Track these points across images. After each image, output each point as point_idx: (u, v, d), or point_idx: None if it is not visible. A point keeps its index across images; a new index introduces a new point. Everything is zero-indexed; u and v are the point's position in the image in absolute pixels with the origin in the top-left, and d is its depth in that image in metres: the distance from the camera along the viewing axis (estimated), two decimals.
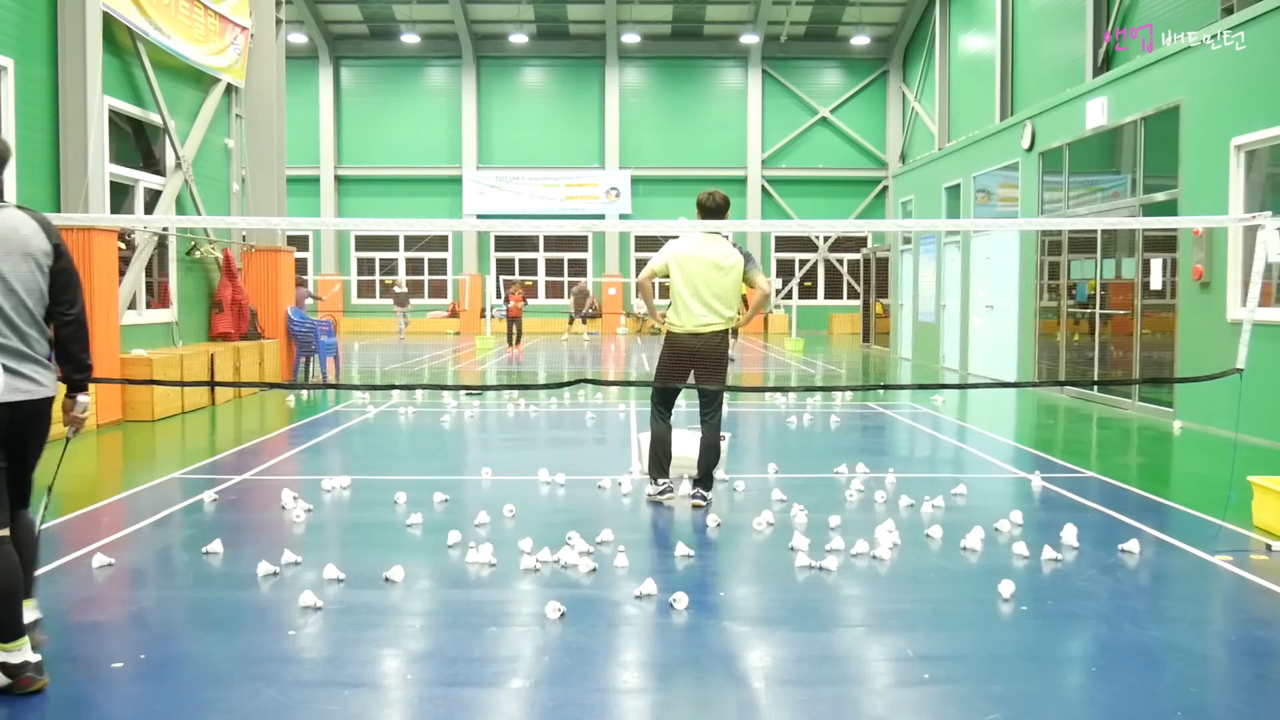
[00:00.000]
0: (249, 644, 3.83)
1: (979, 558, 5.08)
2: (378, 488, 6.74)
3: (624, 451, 8.31)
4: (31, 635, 3.39)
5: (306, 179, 29.48)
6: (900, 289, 20.69)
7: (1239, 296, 9.27)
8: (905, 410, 11.30)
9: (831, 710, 3.26)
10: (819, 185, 30.89)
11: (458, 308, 30.24)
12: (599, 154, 30.71)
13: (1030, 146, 14.08)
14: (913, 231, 19.63)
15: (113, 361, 9.70)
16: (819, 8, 28.97)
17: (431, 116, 30.72)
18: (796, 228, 30.15)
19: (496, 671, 3.55)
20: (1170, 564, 5.06)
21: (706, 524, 5.72)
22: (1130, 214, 11.32)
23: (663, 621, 4.10)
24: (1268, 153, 9.18)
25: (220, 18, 12.62)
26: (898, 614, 4.25)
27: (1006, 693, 3.41)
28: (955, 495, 6.49)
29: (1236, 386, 6.02)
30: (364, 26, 30.25)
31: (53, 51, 9.54)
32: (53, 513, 6.08)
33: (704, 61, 30.94)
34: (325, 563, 4.74)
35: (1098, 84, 12.47)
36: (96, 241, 9.43)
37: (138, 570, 4.90)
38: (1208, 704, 3.34)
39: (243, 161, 13.62)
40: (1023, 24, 19.84)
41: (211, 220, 11.02)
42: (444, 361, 19.05)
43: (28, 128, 9.17)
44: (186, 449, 8.71)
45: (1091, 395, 12.40)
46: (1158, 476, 7.75)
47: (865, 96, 30.72)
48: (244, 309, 12.92)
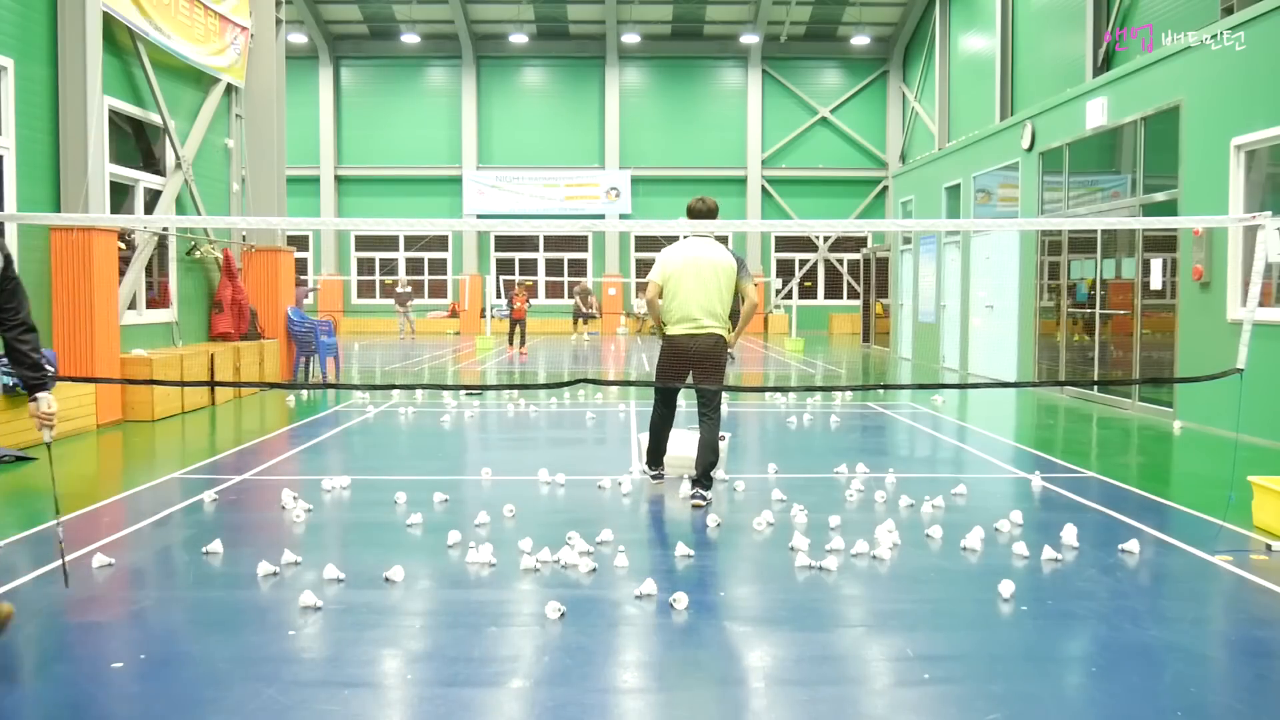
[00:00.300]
0: (249, 644, 3.83)
1: (979, 558, 5.08)
2: (378, 488, 6.74)
3: (624, 451, 8.31)
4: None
5: (306, 179, 29.48)
6: (900, 289, 20.68)
7: (1239, 296, 9.27)
8: (905, 410, 11.30)
9: (831, 710, 3.26)
10: (819, 185, 30.88)
11: (458, 308, 30.24)
12: (599, 154, 30.70)
13: (1030, 146, 14.08)
14: (913, 231, 19.63)
15: (113, 361, 9.70)
16: (819, 8, 28.97)
17: (431, 116, 30.72)
18: (796, 228, 30.14)
19: (496, 671, 3.55)
20: (1170, 564, 5.06)
21: (706, 524, 5.72)
22: (1130, 214, 11.32)
23: (663, 621, 4.10)
24: (1268, 153, 9.18)
25: (220, 18, 12.62)
26: (898, 614, 4.25)
27: (1006, 693, 3.41)
28: (955, 495, 6.49)
29: (1236, 386, 6.02)
30: (364, 26, 30.25)
31: (53, 51, 9.54)
32: (52, 513, 6.08)
33: (704, 61, 30.93)
34: (325, 563, 4.74)
35: (1098, 84, 12.47)
36: (96, 241, 9.43)
37: (138, 570, 4.90)
38: (1208, 704, 3.34)
39: (243, 161, 13.62)
40: (1023, 24, 19.84)
41: (211, 220, 11.02)
42: (444, 361, 19.05)
43: (28, 128, 9.17)
44: (186, 449, 8.71)
45: (1091, 395, 12.40)
46: (1158, 476, 7.75)
47: (865, 96, 30.71)
48: (244, 309, 12.92)
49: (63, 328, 9.33)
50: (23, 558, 5.03)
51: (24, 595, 4.43)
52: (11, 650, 3.83)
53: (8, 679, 3.56)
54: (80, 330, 9.35)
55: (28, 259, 9.16)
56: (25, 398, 8.30)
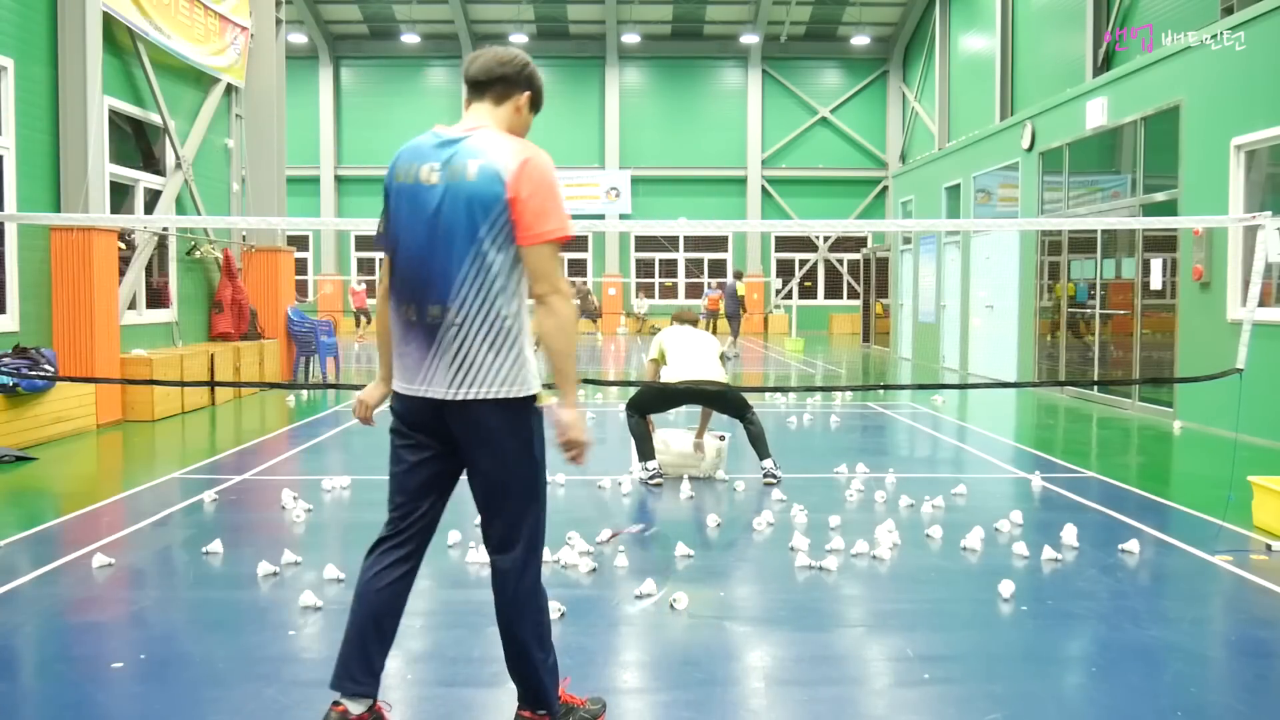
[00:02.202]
0: (249, 644, 3.83)
1: (979, 558, 5.09)
2: (378, 488, 6.71)
3: (624, 452, 8.31)
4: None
5: (306, 179, 29.48)
6: (900, 289, 20.68)
7: (1239, 296, 9.27)
8: (905, 410, 11.30)
9: (831, 710, 3.26)
10: (819, 185, 30.89)
11: None
12: (599, 154, 30.71)
13: (1030, 146, 14.08)
14: (913, 231, 19.63)
15: (113, 361, 9.70)
16: (819, 8, 28.98)
17: (431, 117, 30.48)
18: (796, 228, 30.13)
19: (496, 671, 3.54)
20: (1170, 564, 5.06)
21: (706, 524, 5.72)
22: (1130, 214, 11.32)
23: (663, 621, 4.10)
24: (1268, 153, 9.18)
25: (220, 18, 12.62)
26: (898, 614, 4.25)
27: (1006, 693, 3.41)
28: (955, 495, 6.49)
29: (1236, 386, 6.02)
30: (364, 26, 30.25)
31: (53, 51, 9.53)
32: (52, 513, 6.09)
33: (704, 61, 30.94)
34: (325, 563, 4.74)
35: (1098, 84, 12.47)
36: (96, 241, 9.43)
37: (138, 570, 4.90)
38: (1208, 704, 3.34)
39: (243, 161, 13.62)
40: (1023, 24, 19.83)
41: (211, 220, 11.02)
42: None
43: (28, 128, 9.17)
44: (186, 449, 8.71)
45: (1091, 395, 12.40)
46: (1158, 476, 7.75)
47: (865, 96, 30.71)
48: (244, 309, 12.92)
49: (63, 328, 9.33)
50: (23, 558, 5.04)
51: (24, 595, 4.43)
52: (11, 650, 3.83)
53: (8, 679, 3.56)
54: (80, 330, 9.35)
55: (28, 259, 9.17)
56: (25, 397, 8.30)
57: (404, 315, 2.79)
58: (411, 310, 2.77)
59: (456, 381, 2.72)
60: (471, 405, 2.72)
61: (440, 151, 2.75)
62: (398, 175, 2.80)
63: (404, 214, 2.76)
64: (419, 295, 2.74)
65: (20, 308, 9.08)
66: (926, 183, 19.17)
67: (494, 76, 2.85)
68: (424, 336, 2.75)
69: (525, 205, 2.66)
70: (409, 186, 2.75)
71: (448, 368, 2.72)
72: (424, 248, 2.71)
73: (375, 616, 2.84)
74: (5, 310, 8.98)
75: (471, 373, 2.71)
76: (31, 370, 8.36)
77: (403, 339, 2.81)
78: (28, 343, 8.98)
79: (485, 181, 2.66)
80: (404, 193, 2.76)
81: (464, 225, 2.67)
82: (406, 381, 2.82)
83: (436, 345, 2.73)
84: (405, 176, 2.77)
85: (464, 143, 2.74)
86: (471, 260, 2.67)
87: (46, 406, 8.58)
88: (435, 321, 2.72)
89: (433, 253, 2.70)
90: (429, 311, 2.73)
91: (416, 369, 2.78)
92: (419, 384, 2.78)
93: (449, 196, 2.68)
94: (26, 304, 9.14)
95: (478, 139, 2.73)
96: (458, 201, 2.67)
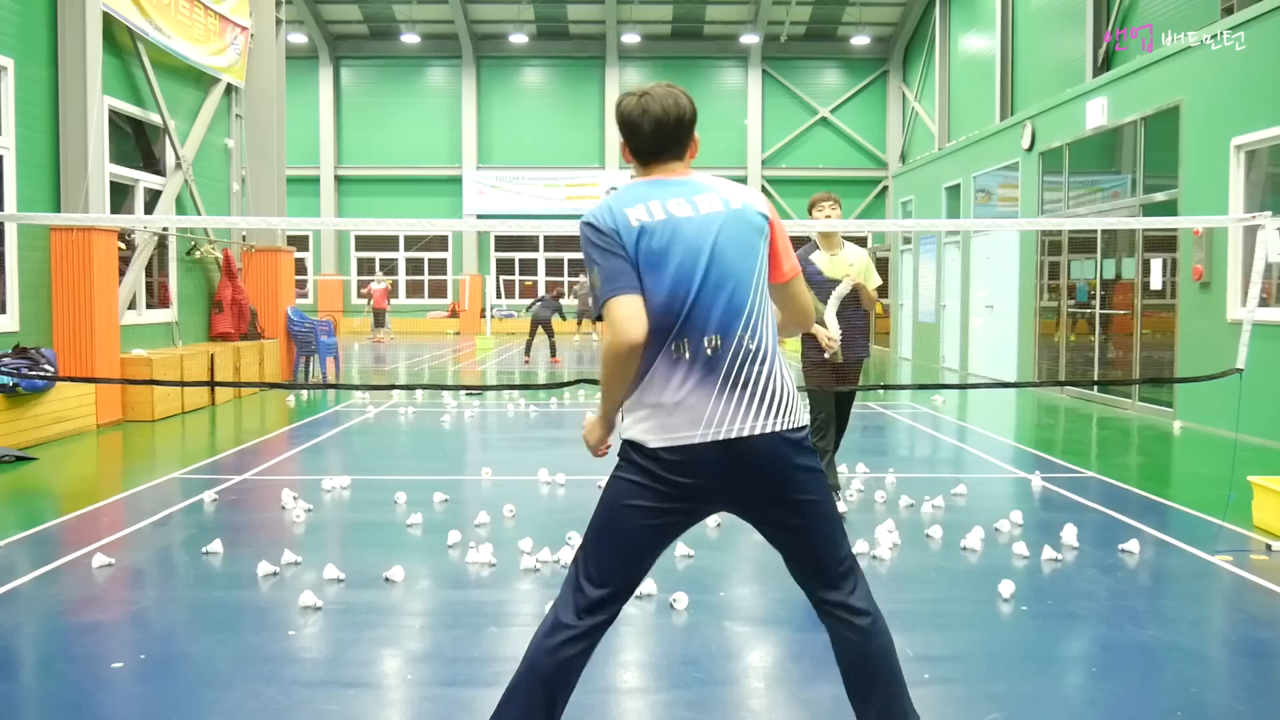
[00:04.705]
0: (249, 644, 3.82)
1: (979, 558, 5.08)
2: (378, 488, 6.74)
3: None
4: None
5: (306, 179, 29.46)
6: (900, 289, 20.68)
7: (1239, 296, 9.27)
8: (905, 410, 11.30)
9: (831, 710, 3.25)
10: (819, 185, 30.74)
11: (458, 308, 30.24)
12: (599, 154, 30.70)
13: (1030, 146, 14.08)
14: (913, 231, 19.63)
15: (113, 361, 9.70)
16: (819, 8, 28.97)
17: (431, 116, 30.71)
18: (796, 228, 30.00)
19: (496, 671, 3.55)
20: (1170, 564, 5.06)
21: (706, 524, 5.72)
22: (1130, 214, 11.32)
23: (663, 621, 4.10)
24: (1268, 153, 9.18)
25: (220, 18, 12.62)
26: (898, 614, 4.23)
27: (1006, 693, 3.41)
28: (955, 495, 6.49)
29: (1236, 386, 6.02)
30: (364, 26, 30.24)
31: (53, 51, 9.53)
32: (52, 513, 6.09)
33: (704, 61, 30.93)
34: (325, 563, 4.74)
35: (1098, 84, 12.47)
36: (96, 241, 9.43)
37: (138, 570, 4.90)
38: (1208, 704, 3.34)
39: (243, 161, 13.62)
40: (1023, 24, 19.82)
41: (211, 220, 11.00)
42: (444, 361, 19.04)
43: (28, 128, 9.17)
44: (186, 449, 8.71)
45: (1091, 395, 12.40)
46: (1158, 476, 7.75)
47: (865, 96, 30.71)
48: (244, 309, 12.93)
49: (63, 328, 9.33)
50: (23, 558, 5.04)
51: (24, 595, 4.43)
52: (12, 650, 3.83)
53: (8, 679, 3.56)
54: (80, 330, 9.35)
55: (28, 259, 9.17)
56: (25, 397, 8.30)
57: (682, 353, 2.47)
58: (687, 347, 2.47)
59: (771, 413, 2.51)
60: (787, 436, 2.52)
61: (682, 189, 2.62)
62: (641, 216, 2.51)
63: (678, 247, 2.48)
64: (708, 328, 2.48)
65: (20, 308, 9.08)
66: (926, 183, 19.17)
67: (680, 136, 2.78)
68: (708, 373, 2.46)
69: (780, 239, 2.66)
70: (675, 220, 2.52)
71: (759, 400, 2.50)
72: (719, 277, 2.50)
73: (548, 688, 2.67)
74: (5, 310, 8.99)
75: (782, 401, 2.54)
76: (31, 370, 8.36)
77: (680, 383, 2.47)
78: (28, 343, 8.98)
79: (752, 214, 2.60)
80: (667, 227, 2.50)
81: (751, 253, 2.56)
82: (688, 430, 2.46)
83: (738, 380, 2.47)
84: (657, 213, 2.52)
85: (699, 179, 2.69)
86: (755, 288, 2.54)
87: (46, 406, 8.58)
88: (725, 353, 2.47)
89: (721, 282, 2.49)
90: (720, 343, 2.48)
91: (703, 412, 2.46)
92: (715, 427, 2.46)
93: (730, 224, 2.55)
94: (26, 304, 9.15)
95: (707, 178, 2.70)
96: (740, 230, 2.56)
